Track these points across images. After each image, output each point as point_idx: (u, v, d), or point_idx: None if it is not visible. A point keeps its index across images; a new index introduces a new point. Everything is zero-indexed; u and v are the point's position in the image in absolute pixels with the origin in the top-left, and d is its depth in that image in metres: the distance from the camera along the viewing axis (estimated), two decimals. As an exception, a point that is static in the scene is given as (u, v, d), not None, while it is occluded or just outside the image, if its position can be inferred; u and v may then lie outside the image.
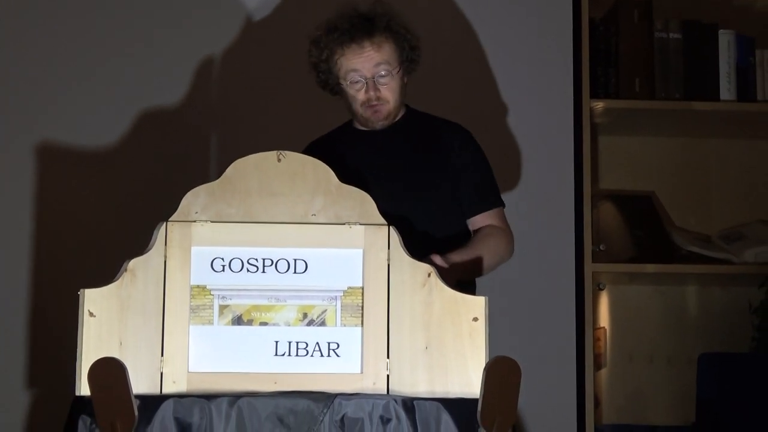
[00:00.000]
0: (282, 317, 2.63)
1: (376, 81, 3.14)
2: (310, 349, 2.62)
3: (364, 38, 3.13)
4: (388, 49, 3.15)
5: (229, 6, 4.00)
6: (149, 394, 2.51)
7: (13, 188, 3.88)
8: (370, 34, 3.13)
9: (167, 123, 3.93)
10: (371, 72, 3.13)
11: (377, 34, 3.14)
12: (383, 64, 3.13)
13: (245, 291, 2.64)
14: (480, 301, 2.61)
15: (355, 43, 3.13)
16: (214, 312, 2.63)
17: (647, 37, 4.02)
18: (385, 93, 3.16)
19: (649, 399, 4.21)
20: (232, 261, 2.65)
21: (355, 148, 3.24)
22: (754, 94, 4.06)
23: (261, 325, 2.63)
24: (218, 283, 2.64)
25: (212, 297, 2.63)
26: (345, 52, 3.14)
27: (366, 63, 3.13)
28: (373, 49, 3.13)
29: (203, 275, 2.64)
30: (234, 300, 2.64)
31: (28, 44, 3.94)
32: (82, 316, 2.54)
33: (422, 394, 2.55)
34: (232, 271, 2.65)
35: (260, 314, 2.63)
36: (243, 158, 2.70)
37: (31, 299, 3.84)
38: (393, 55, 3.15)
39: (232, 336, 2.62)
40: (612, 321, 4.21)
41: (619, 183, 4.24)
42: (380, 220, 2.67)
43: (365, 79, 3.14)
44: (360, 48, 3.13)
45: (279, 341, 2.62)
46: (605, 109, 4.01)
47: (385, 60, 3.14)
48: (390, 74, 3.15)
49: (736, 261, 4.04)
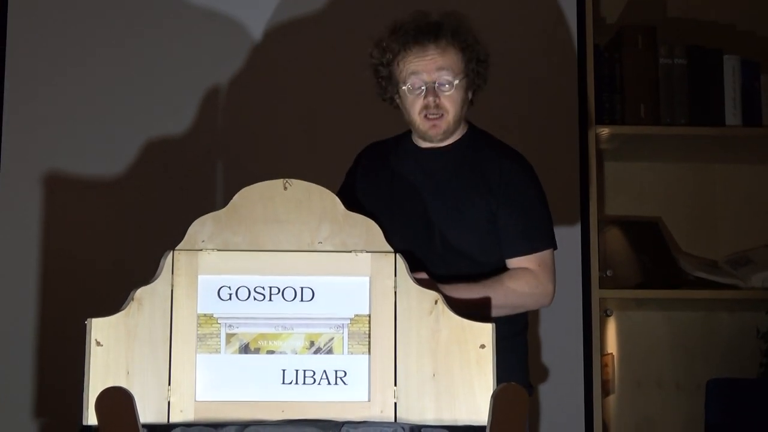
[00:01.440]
0: (289, 345, 2.63)
1: (437, 87, 2.98)
2: (317, 377, 2.61)
3: (428, 41, 2.97)
4: (453, 56, 2.98)
5: (236, 35, 4.01)
6: (156, 423, 2.51)
7: (21, 217, 3.89)
8: (435, 37, 2.97)
9: (173, 152, 3.94)
10: (432, 77, 2.97)
11: (443, 38, 2.98)
12: (446, 70, 2.97)
13: (252, 319, 2.64)
14: (487, 328, 2.61)
15: (418, 45, 2.97)
16: (221, 340, 2.63)
17: (652, 62, 4.03)
18: (445, 102, 2.99)
19: (658, 425, 4.19)
20: (239, 289, 2.65)
21: (402, 166, 3.11)
22: (759, 118, 4.06)
23: (268, 354, 2.63)
24: (225, 312, 2.64)
25: (219, 325, 2.63)
26: (407, 54, 2.98)
27: (428, 66, 2.97)
28: (437, 52, 2.97)
29: (210, 304, 2.64)
30: (241, 328, 2.63)
31: (35, 73, 3.96)
32: (89, 345, 2.54)
33: (430, 421, 2.55)
34: (239, 299, 2.65)
35: (267, 342, 2.63)
36: (249, 186, 2.71)
37: (38, 328, 3.84)
38: (458, 64, 2.99)
39: (239, 364, 2.62)
40: (620, 347, 4.20)
41: (626, 209, 4.24)
42: (387, 248, 2.67)
43: (425, 84, 2.98)
44: (423, 50, 2.97)
45: (286, 369, 2.62)
46: (611, 135, 4.01)
47: (449, 66, 2.98)
48: (451, 83, 2.98)
49: (743, 286, 4.03)
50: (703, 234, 4.27)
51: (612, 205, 4.23)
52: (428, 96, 2.98)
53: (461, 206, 3.04)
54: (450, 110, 3.01)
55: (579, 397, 3.88)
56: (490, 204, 3.03)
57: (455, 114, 3.02)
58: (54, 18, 3.99)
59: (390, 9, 3.77)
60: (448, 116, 3.01)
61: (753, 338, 4.12)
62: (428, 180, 3.07)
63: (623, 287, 4.01)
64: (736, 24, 4.32)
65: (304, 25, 4.03)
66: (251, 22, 4.02)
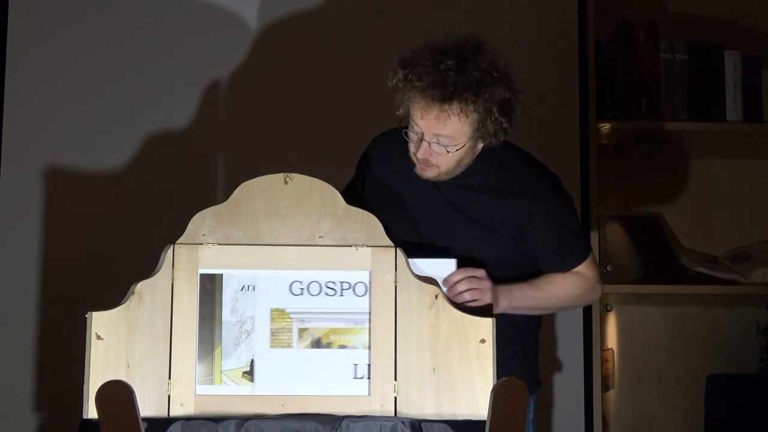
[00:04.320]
0: (360, 340, 2.66)
1: (432, 146, 2.80)
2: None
3: (435, 101, 2.73)
4: (458, 125, 2.75)
5: (236, 28, 4.01)
6: (156, 417, 2.52)
7: (21, 211, 3.89)
8: (445, 100, 2.73)
9: (174, 145, 3.94)
10: (429, 137, 2.78)
11: (454, 103, 2.73)
12: (443, 138, 2.77)
13: (323, 314, 2.67)
14: (487, 322, 2.61)
15: (425, 100, 2.74)
16: (293, 335, 2.66)
17: (653, 58, 4.03)
18: (437, 160, 2.82)
19: (658, 420, 4.20)
20: (310, 284, 2.67)
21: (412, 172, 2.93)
22: (760, 114, 4.06)
23: (340, 348, 2.65)
24: (297, 307, 2.66)
25: (291, 320, 2.66)
26: (415, 98, 2.76)
27: (428, 125, 2.77)
28: (442, 118, 2.74)
29: (282, 299, 2.66)
30: (312, 323, 2.67)
31: (36, 68, 3.95)
32: (89, 339, 2.55)
33: (430, 416, 2.55)
34: (310, 294, 2.67)
35: (339, 337, 2.67)
36: (250, 181, 2.71)
37: (38, 322, 3.85)
38: (462, 130, 2.77)
39: (311, 359, 2.65)
40: (620, 342, 4.20)
41: (626, 204, 4.24)
42: (387, 242, 2.67)
43: (421, 137, 2.80)
44: (428, 108, 2.75)
45: (358, 364, 2.64)
46: (611, 130, 4.01)
47: (448, 134, 2.76)
48: (445, 150, 2.79)
49: (743, 281, 4.04)
50: (704, 229, 4.28)
51: (612, 200, 4.23)
52: (420, 149, 2.82)
53: (475, 225, 2.94)
54: (442, 166, 2.84)
55: (579, 392, 3.88)
56: (516, 217, 2.93)
57: (449, 167, 2.85)
58: (54, 12, 3.98)
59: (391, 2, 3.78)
60: (441, 168, 2.85)
61: (753, 333, 4.13)
62: (443, 194, 2.95)
63: (623, 282, 4.01)
64: (738, 19, 4.31)
65: (305, 18, 4.03)
66: (252, 16, 4.02)
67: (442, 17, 3.99)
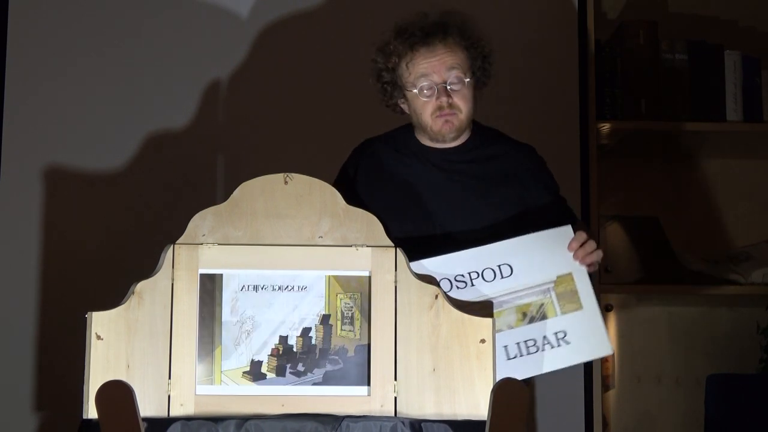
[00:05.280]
0: (504, 322, 2.80)
1: (449, 87, 2.97)
2: (539, 344, 2.82)
3: (437, 41, 2.97)
4: (461, 55, 2.99)
5: (236, 29, 4.01)
6: (156, 417, 2.52)
7: (21, 211, 3.89)
8: (443, 36, 2.98)
9: (174, 145, 3.94)
10: (443, 77, 2.97)
11: (450, 37, 2.98)
12: (456, 69, 2.98)
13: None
14: (487, 322, 2.61)
15: (426, 46, 2.97)
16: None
17: (653, 58, 4.03)
18: (458, 101, 2.99)
19: (658, 420, 4.20)
20: (441, 281, 2.77)
21: (414, 164, 3.10)
22: (760, 114, 4.06)
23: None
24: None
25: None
26: (415, 56, 2.98)
27: (438, 67, 2.97)
28: (446, 52, 2.97)
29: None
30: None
31: (36, 68, 3.95)
32: (89, 339, 2.55)
33: (430, 416, 2.55)
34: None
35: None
36: (250, 181, 2.71)
37: (39, 321, 3.85)
38: (466, 62, 3.00)
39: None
40: (620, 342, 4.20)
41: (626, 204, 4.24)
42: (387, 242, 2.67)
43: (437, 85, 2.97)
44: (432, 52, 2.97)
45: (507, 345, 2.81)
46: (611, 130, 4.01)
47: (458, 64, 2.98)
48: (463, 81, 2.98)
49: (743, 282, 4.04)
50: (704, 229, 4.28)
51: (612, 200, 4.23)
52: (441, 96, 2.98)
53: (489, 197, 3.05)
54: (463, 108, 3.01)
55: (579, 392, 3.88)
56: (518, 189, 3.08)
57: (467, 112, 3.03)
58: (54, 12, 3.98)
59: (392, 1, 3.78)
60: (461, 114, 3.01)
61: (753, 334, 4.13)
62: (449, 179, 3.07)
63: (623, 283, 4.01)
64: (738, 20, 4.32)
65: (305, 18, 4.03)
66: (252, 16, 4.02)
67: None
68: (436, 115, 3.00)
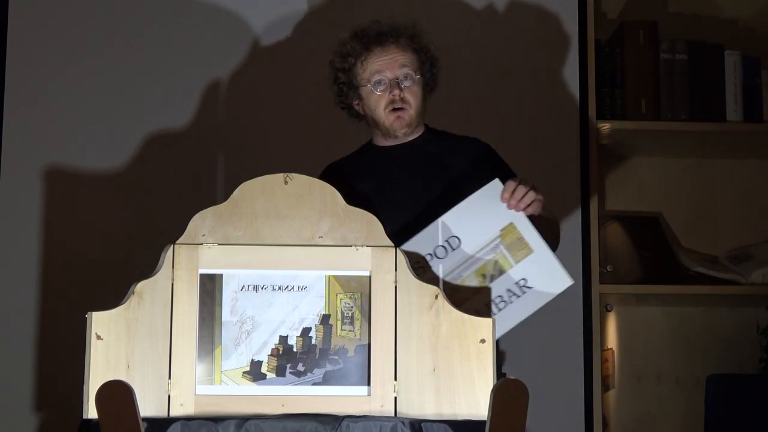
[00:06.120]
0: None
1: (400, 82, 3.19)
2: (507, 298, 2.90)
3: (390, 42, 3.21)
4: (412, 55, 3.22)
5: (237, 29, 4.01)
6: (156, 417, 2.52)
7: (21, 211, 3.89)
8: (395, 38, 3.22)
9: (174, 146, 3.94)
10: (395, 74, 3.19)
11: (402, 39, 3.22)
12: (407, 67, 3.20)
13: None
14: (487, 322, 2.61)
15: (380, 46, 3.20)
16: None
17: (653, 58, 4.03)
18: (408, 96, 3.20)
19: (658, 420, 4.20)
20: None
21: (376, 165, 3.26)
22: (760, 114, 4.06)
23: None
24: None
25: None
26: (370, 54, 3.20)
27: (391, 64, 3.19)
28: (398, 52, 3.20)
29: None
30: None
31: (36, 68, 3.95)
32: (89, 339, 2.55)
33: (430, 416, 2.55)
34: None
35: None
36: (250, 181, 2.71)
37: (39, 321, 3.85)
38: (415, 62, 3.22)
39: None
40: (620, 342, 4.20)
41: (626, 204, 4.24)
42: (387, 242, 2.67)
43: (389, 80, 3.19)
44: (385, 51, 3.20)
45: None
46: (612, 130, 4.01)
47: (409, 63, 3.20)
48: (413, 79, 3.20)
49: (743, 282, 4.04)
50: (704, 229, 4.28)
51: (612, 200, 4.23)
52: (393, 90, 3.19)
53: (435, 189, 3.17)
54: (413, 103, 3.20)
55: (579, 392, 3.88)
56: (477, 173, 3.14)
57: (417, 107, 3.22)
58: (54, 12, 3.98)
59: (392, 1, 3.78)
60: (411, 110, 3.21)
61: (753, 334, 4.13)
62: (405, 173, 3.21)
63: (623, 282, 4.01)
64: (738, 20, 4.32)
65: (304, 18, 4.03)
66: (252, 16, 4.02)
67: (442, 18, 3.99)
68: (389, 109, 3.20)
